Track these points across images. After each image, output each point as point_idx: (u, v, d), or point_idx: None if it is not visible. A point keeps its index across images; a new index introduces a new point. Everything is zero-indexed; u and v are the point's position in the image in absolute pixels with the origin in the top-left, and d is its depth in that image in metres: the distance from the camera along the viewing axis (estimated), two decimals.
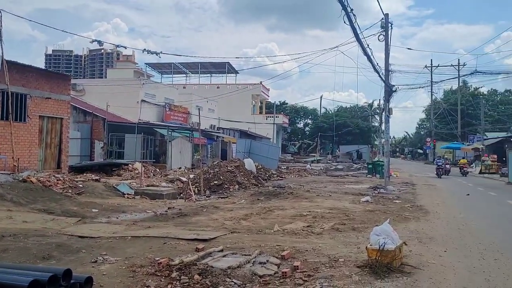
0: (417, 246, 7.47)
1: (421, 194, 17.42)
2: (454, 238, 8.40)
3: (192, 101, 37.36)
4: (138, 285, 5.16)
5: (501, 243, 7.88)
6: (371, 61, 17.76)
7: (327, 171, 33.23)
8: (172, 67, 55.71)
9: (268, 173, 25.54)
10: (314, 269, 5.86)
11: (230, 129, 43.64)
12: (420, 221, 10.40)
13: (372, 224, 8.88)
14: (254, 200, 14.26)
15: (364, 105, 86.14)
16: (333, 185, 21.01)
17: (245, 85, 55.90)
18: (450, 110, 58.29)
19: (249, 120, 48.30)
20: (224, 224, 9.64)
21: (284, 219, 10.32)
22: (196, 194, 15.63)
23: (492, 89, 74.92)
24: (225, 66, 54.72)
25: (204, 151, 32.72)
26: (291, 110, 74.98)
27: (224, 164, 20.29)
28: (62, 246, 6.91)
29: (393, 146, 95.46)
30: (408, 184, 22.28)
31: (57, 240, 7.29)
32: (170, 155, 27.09)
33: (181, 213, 11.17)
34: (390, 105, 22.19)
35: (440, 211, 12.41)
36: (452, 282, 5.43)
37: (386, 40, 20.02)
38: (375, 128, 71.59)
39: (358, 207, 12.57)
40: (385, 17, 19.82)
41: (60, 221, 9.38)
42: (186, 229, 8.82)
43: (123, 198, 14.37)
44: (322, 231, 8.78)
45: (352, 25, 11.90)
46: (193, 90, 48.71)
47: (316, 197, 14.72)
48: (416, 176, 29.87)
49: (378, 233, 6.12)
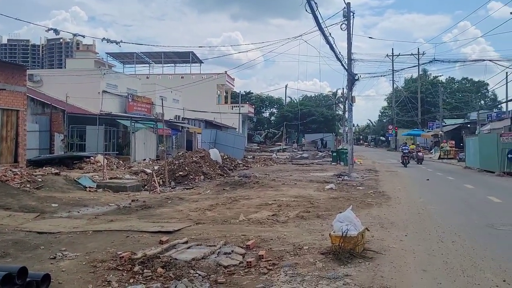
0: (379, 231, 7.63)
1: (383, 181, 17.84)
2: (414, 222, 8.64)
3: (155, 91, 36.64)
4: (99, 280, 5.03)
5: (458, 226, 8.16)
6: (334, 50, 17.94)
7: (292, 160, 33.50)
8: (134, 57, 54.45)
9: (234, 163, 25.50)
10: (279, 257, 5.89)
11: (195, 120, 43.23)
12: (382, 207, 10.64)
13: (336, 211, 9.02)
14: (219, 190, 14.20)
15: (329, 94, 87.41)
16: (298, 173, 21.21)
17: (210, 75, 55.39)
18: (410, 98, 59.88)
19: (215, 110, 47.98)
20: (189, 215, 9.55)
21: (250, 208, 10.33)
22: (161, 185, 15.42)
23: (450, 77, 77.55)
24: (189, 56, 53.99)
25: (169, 142, 32.35)
26: (256, 100, 74.98)
27: (189, 155, 20.09)
28: (19, 243, 6.66)
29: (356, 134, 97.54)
30: (371, 171, 22.77)
31: (14, 237, 7.02)
32: (134, 147, 26.60)
33: (145, 206, 10.99)
34: (353, 94, 22.55)
35: (401, 196, 12.75)
36: (412, 266, 5.58)
37: (348, 29, 20.24)
38: (339, 116, 72.76)
39: (322, 195, 12.73)
40: (347, 6, 20.01)
41: (17, 217, 9.03)
42: (150, 222, 8.69)
43: (84, 192, 14.00)
44: (287, 220, 8.85)
45: (314, 13, 11.94)
46: (157, 80, 47.71)
47: (282, 186, 14.81)
48: (379, 163, 30.58)
49: (341, 220, 6.21)
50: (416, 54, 56.22)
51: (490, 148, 21.47)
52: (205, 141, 31.37)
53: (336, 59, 19.51)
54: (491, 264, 5.62)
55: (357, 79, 23.10)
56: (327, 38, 16.02)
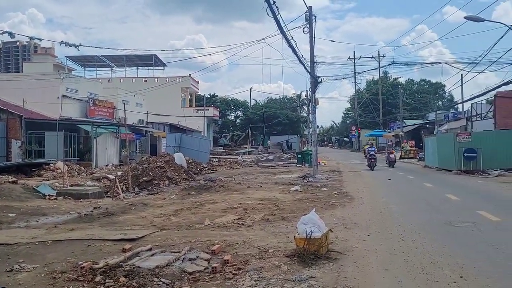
0: (343, 232, 7.76)
1: (347, 181, 18.16)
2: (377, 222, 8.84)
3: (118, 95, 35.90)
4: None
5: (419, 224, 8.41)
6: (296, 53, 18.10)
7: (258, 162, 33.59)
8: (95, 60, 53.22)
9: (199, 166, 25.34)
10: (244, 261, 5.89)
11: (160, 123, 42.66)
12: (345, 208, 10.83)
13: (301, 213, 9.10)
14: (184, 195, 14.06)
15: (293, 96, 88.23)
16: (264, 176, 21.29)
17: (173, 78, 54.78)
18: (372, 99, 61.34)
19: (179, 114, 47.50)
20: (153, 221, 9.41)
21: (215, 212, 10.27)
22: (124, 191, 15.12)
23: (409, 79, 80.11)
24: (152, 59, 53.25)
25: (132, 146, 31.76)
26: (221, 103, 74.78)
27: (153, 160, 19.78)
28: None
29: (321, 135, 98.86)
30: (335, 172, 23.14)
31: None
32: (96, 152, 25.96)
33: (107, 213, 10.73)
34: (316, 96, 22.82)
35: (364, 196, 13.02)
36: (374, 265, 5.69)
37: (310, 32, 20.49)
38: (304, 118, 73.47)
39: (287, 197, 12.82)
40: (309, 10, 20.27)
41: None
42: (112, 229, 8.50)
43: (44, 200, 13.52)
44: (252, 223, 8.85)
45: (276, 17, 12.03)
46: (119, 84, 46.88)
47: (247, 189, 14.81)
48: (343, 164, 31.10)
49: (305, 222, 6.27)
50: (376, 56, 57.65)
51: (447, 147, 22.23)
52: (169, 145, 31.01)
53: (299, 62, 19.71)
54: (449, 260, 5.81)
55: (320, 81, 23.41)
56: (289, 42, 16.17)
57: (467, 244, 6.77)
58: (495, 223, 8.47)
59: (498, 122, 29.79)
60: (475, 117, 36.30)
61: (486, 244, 6.69)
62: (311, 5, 20.42)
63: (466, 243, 6.85)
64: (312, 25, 20.46)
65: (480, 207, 10.36)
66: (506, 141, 20.88)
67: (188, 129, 45.14)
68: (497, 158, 20.53)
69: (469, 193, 13.56)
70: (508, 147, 20.66)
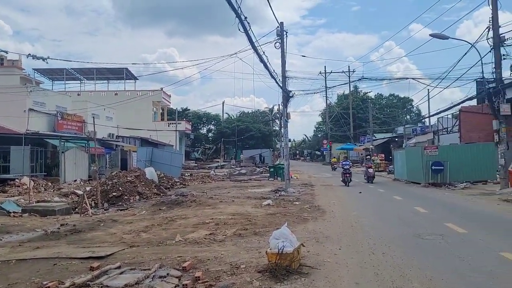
0: (315, 246, 7.79)
1: (319, 195, 18.29)
2: (348, 235, 8.92)
3: (87, 109, 35.28)
4: None
5: (389, 237, 8.53)
6: (267, 68, 18.30)
7: (230, 176, 33.49)
8: (64, 73, 52.15)
9: (171, 181, 25.05)
10: (216, 278, 5.82)
11: (130, 137, 42.08)
12: (317, 221, 10.89)
13: (273, 227, 9.09)
14: (155, 210, 13.85)
15: (265, 110, 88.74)
16: (236, 190, 21.22)
17: (145, 92, 54.34)
18: (343, 113, 62.40)
19: (151, 128, 47.01)
20: (123, 238, 9.21)
21: (187, 228, 10.15)
22: (93, 207, 14.76)
23: (378, 94, 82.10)
24: (123, 72, 52.64)
25: (102, 161, 31.15)
26: (193, 116, 74.48)
27: (123, 174, 19.45)
28: None
29: (293, 149, 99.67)
30: (307, 186, 23.29)
31: None
32: (64, 167, 25.32)
33: (75, 230, 10.44)
34: (288, 110, 23.06)
35: (336, 210, 13.13)
36: (346, 279, 5.73)
37: (282, 47, 20.75)
38: (276, 132, 73.91)
39: (260, 211, 12.81)
40: (280, 26, 20.55)
41: None
42: (80, 247, 8.26)
43: (8, 217, 13.03)
44: (224, 238, 8.78)
45: (247, 33, 12.13)
46: (89, 97, 46.07)
47: (219, 204, 14.72)
48: (315, 177, 31.36)
49: (277, 236, 6.26)
50: (347, 71, 58.78)
51: (415, 160, 22.77)
52: (140, 159, 30.53)
53: (271, 77, 19.89)
54: (418, 273, 5.90)
55: (292, 96, 23.65)
56: (261, 57, 16.33)
57: (435, 257, 6.90)
58: (461, 235, 8.69)
59: (463, 136, 30.77)
60: (442, 131, 37.39)
61: (453, 256, 6.85)
62: (282, 21, 20.73)
63: (434, 256, 6.98)
64: (284, 40, 20.74)
65: (447, 219, 10.61)
66: (471, 154, 21.56)
67: (160, 143, 44.66)
68: (463, 170, 21.16)
69: (436, 205, 13.87)
70: (473, 160, 21.34)
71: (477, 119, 29.66)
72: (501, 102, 17.93)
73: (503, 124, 18.31)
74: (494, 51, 17.87)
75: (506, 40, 17.76)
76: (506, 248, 7.23)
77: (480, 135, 28.55)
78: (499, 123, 18.16)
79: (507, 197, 15.04)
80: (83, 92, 53.98)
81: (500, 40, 17.73)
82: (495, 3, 17.83)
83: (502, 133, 18.15)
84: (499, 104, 17.91)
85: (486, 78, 19.20)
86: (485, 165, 21.33)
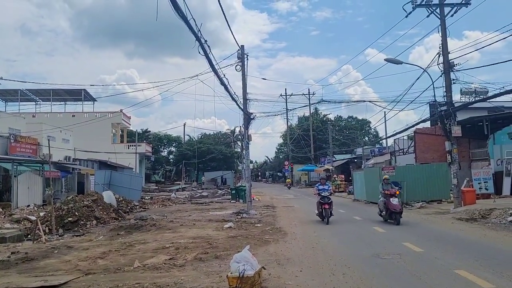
0: (276, 268, 7.76)
1: (280, 216, 18.34)
2: (309, 257, 8.95)
3: (42, 131, 34.10)
4: None
5: (349, 258, 8.63)
6: (228, 91, 18.42)
7: (192, 199, 33.06)
8: (18, 94, 50.39)
9: (130, 205, 24.44)
10: None
11: (88, 160, 40.82)
12: (279, 243, 10.88)
13: (235, 250, 9.02)
14: (113, 235, 13.43)
15: (227, 131, 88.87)
16: (197, 213, 20.95)
17: (104, 113, 53.20)
18: (304, 135, 63.38)
19: (109, 150, 45.92)
20: (78, 265, 8.85)
21: (146, 253, 9.90)
22: (47, 234, 14.16)
23: (338, 116, 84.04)
24: (81, 94, 51.50)
25: (57, 185, 30.05)
26: (154, 138, 73.47)
27: (80, 199, 18.80)
28: None
29: (255, 170, 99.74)
30: (269, 207, 23.31)
31: None
32: (16, 192, 24.18)
33: (27, 258, 9.94)
34: (249, 132, 23.17)
35: (297, 231, 13.19)
36: None
37: (243, 70, 21.01)
38: (238, 153, 74.01)
39: (221, 234, 12.68)
40: (241, 49, 20.83)
41: None
42: (32, 276, 7.88)
43: None
44: (184, 263, 8.62)
45: (207, 56, 12.21)
46: (44, 119, 44.55)
47: (180, 227, 14.48)
48: (277, 199, 31.45)
49: (238, 260, 6.21)
50: (307, 94, 60.00)
51: (374, 181, 23.27)
52: (98, 183, 29.66)
53: (232, 99, 20.01)
54: None
55: (253, 118, 23.85)
56: (221, 80, 16.43)
57: (393, 276, 7.02)
58: (418, 254, 8.91)
59: (418, 156, 31.87)
60: (398, 152, 38.56)
61: (410, 275, 7.00)
62: (243, 44, 21.05)
63: (392, 275, 7.10)
64: (244, 63, 21.04)
65: (405, 238, 10.88)
66: (426, 175, 22.31)
67: (119, 165, 43.61)
68: (419, 190, 21.84)
69: (394, 225, 14.16)
70: (428, 180, 22.08)
71: (431, 140, 30.88)
72: (452, 124, 18.76)
73: (455, 145, 19.15)
74: (444, 76, 18.79)
75: (455, 66, 18.72)
76: (461, 266, 7.46)
77: (434, 156, 29.70)
78: (451, 144, 18.96)
79: (460, 216, 15.61)
80: (38, 113, 52.21)
81: (450, 65, 18.67)
82: (444, 31, 18.83)
83: (454, 154, 18.94)
84: (451, 126, 18.73)
85: (438, 101, 20.11)
86: (439, 184, 22.10)
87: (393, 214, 14.29)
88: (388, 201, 14.56)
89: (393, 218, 14.27)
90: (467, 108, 24.89)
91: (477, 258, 8.20)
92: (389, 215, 14.52)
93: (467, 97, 34.69)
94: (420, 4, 18.99)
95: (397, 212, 14.18)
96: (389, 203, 14.44)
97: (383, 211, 15.02)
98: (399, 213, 14.21)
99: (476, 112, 27.48)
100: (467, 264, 7.63)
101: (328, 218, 15.11)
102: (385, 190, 15.00)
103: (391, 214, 14.43)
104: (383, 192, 15.00)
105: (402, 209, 14.56)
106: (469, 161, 27.41)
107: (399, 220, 14.07)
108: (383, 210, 15.02)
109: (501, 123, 25.22)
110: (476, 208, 16.45)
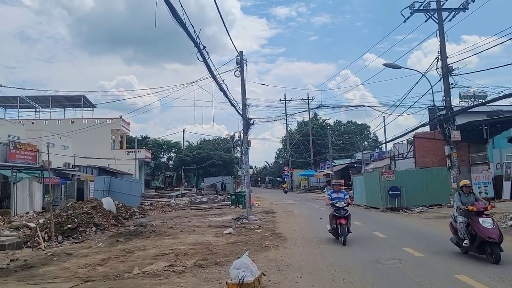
0: (276, 274, 7.73)
1: (280, 222, 18.29)
2: (309, 262, 8.92)
3: (42, 137, 34.12)
4: None
5: (349, 263, 8.60)
6: (227, 96, 18.44)
7: (191, 205, 32.98)
8: (18, 101, 50.49)
9: (129, 211, 24.37)
10: None
11: (88, 167, 40.80)
12: (279, 249, 10.85)
13: (234, 256, 8.98)
14: (113, 242, 13.39)
15: (227, 137, 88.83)
16: (197, 219, 20.90)
17: (103, 120, 53.25)
18: (303, 140, 63.37)
19: (109, 156, 45.95)
20: (77, 272, 8.81)
21: (145, 260, 9.87)
22: (46, 241, 14.10)
23: (337, 120, 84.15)
24: (80, 100, 51.59)
25: (57, 192, 30.00)
26: (153, 144, 73.49)
27: (79, 205, 18.76)
28: None
29: (254, 175, 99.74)
30: (268, 213, 23.25)
31: None
32: (15, 199, 24.14)
33: (26, 265, 9.91)
34: (249, 137, 23.17)
35: (297, 237, 13.15)
36: None
37: (242, 75, 21.03)
38: (237, 159, 73.94)
39: (221, 240, 12.64)
40: (240, 55, 20.88)
41: None
42: (31, 284, 7.86)
43: None
44: (184, 269, 8.58)
45: (206, 62, 12.23)
46: (44, 126, 44.60)
47: (180, 233, 14.44)
48: (277, 204, 31.38)
49: (237, 266, 6.20)
50: (306, 99, 60.12)
51: (374, 185, 23.27)
52: (98, 189, 29.62)
53: (231, 105, 20.03)
54: None
55: (252, 123, 23.86)
56: (220, 86, 16.45)
57: (394, 281, 7.00)
58: (418, 259, 8.88)
59: (417, 161, 31.86)
60: (398, 157, 38.58)
61: (410, 280, 6.97)
62: (241, 50, 21.09)
63: (393, 280, 7.08)
64: (243, 68, 21.05)
65: (405, 243, 10.84)
66: (426, 179, 22.26)
67: (119, 172, 43.58)
68: (419, 195, 21.78)
69: (394, 230, 14.14)
70: (428, 184, 22.03)
71: (430, 145, 30.89)
72: (451, 128, 18.80)
73: (454, 150, 19.16)
74: (443, 81, 18.84)
75: (454, 70, 18.78)
76: (461, 271, 7.44)
77: (434, 160, 29.70)
78: (450, 148, 18.99)
79: None
80: (37, 120, 52.30)
81: (449, 70, 18.74)
82: (442, 36, 18.91)
83: (453, 158, 18.96)
84: (450, 131, 18.76)
85: (437, 106, 20.16)
86: (439, 189, 22.05)
87: (487, 245, 8.29)
88: (474, 222, 8.57)
89: (487, 251, 8.33)
90: (466, 112, 24.92)
91: (478, 263, 8.18)
92: (479, 246, 8.48)
93: (466, 102, 34.74)
94: (418, 9, 19.08)
95: (493, 243, 8.15)
96: (478, 226, 8.45)
97: (465, 238, 8.87)
98: (498, 244, 8.15)
99: (475, 116, 27.51)
100: (468, 269, 7.61)
101: (345, 237, 11.25)
102: (467, 204, 8.98)
103: (482, 244, 8.39)
104: (464, 208, 8.94)
105: (502, 236, 8.38)
106: (469, 165, 27.42)
107: (498, 256, 8.04)
108: (465, 237, 8.87)
109: (500, 127, 25.25)
110: None
